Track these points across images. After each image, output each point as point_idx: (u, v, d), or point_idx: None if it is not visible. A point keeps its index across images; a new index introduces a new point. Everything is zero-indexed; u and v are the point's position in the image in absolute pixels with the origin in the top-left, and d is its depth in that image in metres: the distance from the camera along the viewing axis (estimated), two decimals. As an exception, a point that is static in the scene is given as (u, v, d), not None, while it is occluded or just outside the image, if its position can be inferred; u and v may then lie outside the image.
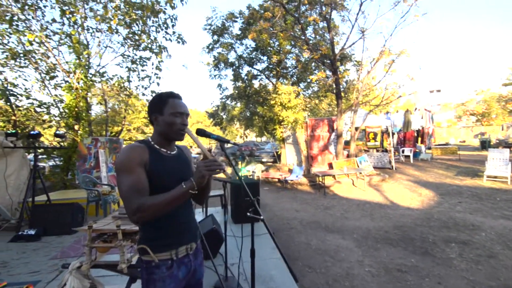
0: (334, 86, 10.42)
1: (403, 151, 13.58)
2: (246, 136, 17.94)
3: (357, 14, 9.47)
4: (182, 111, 1.32)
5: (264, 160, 16.59)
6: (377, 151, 12.39)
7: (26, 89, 7.23)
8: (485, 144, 18.04)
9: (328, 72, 11.82)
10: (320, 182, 8.96)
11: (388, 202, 7.04)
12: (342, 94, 10.87)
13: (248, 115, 15.19)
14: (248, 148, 21.08)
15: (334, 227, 5.33)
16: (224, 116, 16.36)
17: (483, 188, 7.76)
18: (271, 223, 5.71)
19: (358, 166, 9.91)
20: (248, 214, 1.27)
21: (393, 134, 13.20)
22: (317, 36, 12.43)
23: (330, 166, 10.57)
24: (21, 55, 6.76)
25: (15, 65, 6.82)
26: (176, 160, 1.36)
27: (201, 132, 1.35)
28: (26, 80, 7.54)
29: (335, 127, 10.73)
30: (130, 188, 1.12)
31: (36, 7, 6.25)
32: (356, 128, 10.89)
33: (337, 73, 9.95)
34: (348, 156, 10.97)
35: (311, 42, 10.59)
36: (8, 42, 6.72)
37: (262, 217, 1.24)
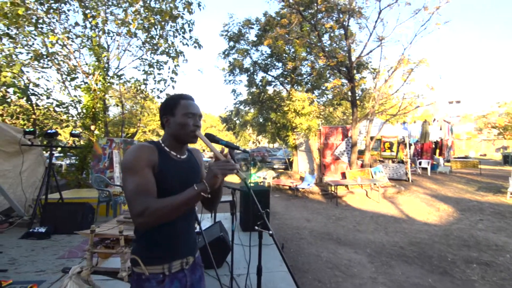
0: (350, 94, 10.22)
1: (420, 163, 13.13)
2: (259, 142, 17.85)
3: (376, 21, 9.31)
4: (194, 112, 1.27)
5: (275, 166, 16.43)
6: (393, 162, 12.02)
7: (47, 89, 7.48)
8: (508, 159, 17.21)
9: (344, 80, 11.65)
10: (332, 192, 8.74)
11: (404, 216, 6.76)
12: (358, 102, 10.65)
13: (261, 121, 15.15)
14: (260, 154, 20.98)
15: (346, 239, 5.13)
16: (237, 122, 16.38)
17: (506, 206, 7.34)
18: (281, 232, 5.57)
19: (372, 177, 9.63)
20: (256, 227, 1.18)
21: (410, 145, 12.79)
22: (333, 44, 12.31)
23: (343, 175, 10.32)
24: (45, 56, 7.01)
25: (38, 66, 7.06)
26: (186, 165, 1.30)
27: (209, 137, 1.28)
28: (48, 80, 7.83)
29: (350, 135, 10.50)
30: (136, 189, 1.06)
31: (60, 10, 6.47)
32: (371, 138, 10.61)
33: (353, 81, 9.77)
34: (362, 166, 10.69)
35: (327, 49, 10.47)
36: (33, 44, 7.00)
37: (271, 232, 1.15)
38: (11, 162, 4.79)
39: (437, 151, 14.95)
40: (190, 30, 7.36)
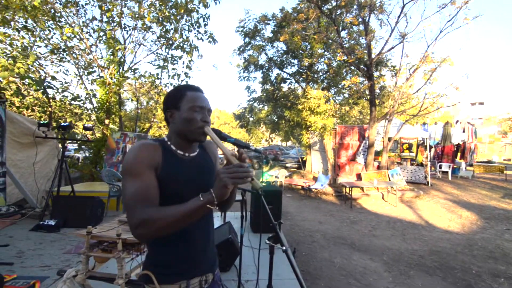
0: (368, 92, 9.83)
1: (440, 166, 12.54)
2: (272, 140, 17.63)
3: (398, 16, 8.87)
4: (202, 105, 1.10)
5: (288, 165, 16.18)
6: (411, 164, 11.53)
7: (65, 82, 7.59)
8: (536, 165, 16.19)
9: (361, 78, 11.25)
10: (346, 193, 8.45)
11: (423, 222, 6.41)
12: (376, 101, 10.24)
13: (274, 119, 14.93)
14: (272, 152, 20.75)
15: (361, 245, 4.88)
16: (251, 119, 16.23)
17: (536, 215, 6.84)
18: (292, 234, 5.39)
19: (389, 179, 9.25)
20: (267, 242, 1.01)
21: (430, 147, 12.25)
22: (352, 40, 11.91)
23: (358, 177, 9.98)
24: (62, 50, 7.09)
25: (56, 59, 7.15)
26: (195, 165, 1.13)
27: (216, 134, 1.11)
28: (66, 74, 7.95)
29: (367, 135, 10.13)
30: (135, 196, 0.92)
31: (77, 4, 6.50)
32: (389, 138, 10.20)
33: (372, 79, 9.38)
34: (378, 167, 10.30)
35: (345, 45, 10.11)
36: (52, 37, 7.09)
37: (284, 248, 0.97)
38: (24, 153, 4.84)
39: (459, 154, 14.26)
40: (205, 25, 7.25)
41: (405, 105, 11.38)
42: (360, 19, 9.44)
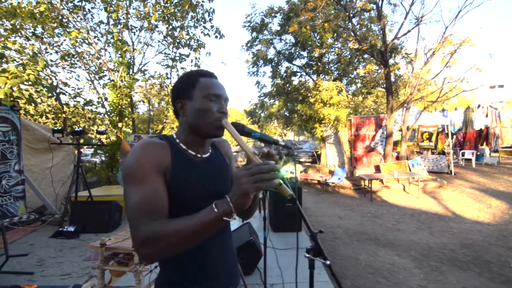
0: (384, 80, 9.43)
1: (463, 154, 12.00)
2: (285, 135, 17.41)
3: (413, -3, 8.39)
4: (219, 93, 0.94)
5: (302, 160, 15.94)
6: (432, 153, 11.07)
7: (78, 88, 7.67)
8: None
9: (374, 67, 10.84)
10: (365, 186, 8.18)
11: (450, 213, 6.10)
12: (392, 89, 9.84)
13: (286, 113, 14.69)
14: (281, 147, 20.44)
15: (386, 240, 4.66)
16: (262, 114, 16.04)
17: None
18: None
19: (410, 170, 8.89)
20: (306, 255, 0.86)
21: (452, 134, 11.73)
22: (363, 28, 11.48)
23: (377, 168, 9.66)
24: (73, 55, 7.14)
25: (67, 65, 7.21)
26: (209, 167, 0.98)
27: (238, 128, 0.94)
28: (78, 80, 8.03)
29: (384, 125, 9.77)
30: (139, 207, 0.77)
31: (84, 9, 6.50)
32: (408, 127, 9.80)
33: (388, 66, 8.98)
34: (397, 158, 9.93)
35: (357, 32, 9.73)
36: (62, 44, 7.15)
37: (328, 263, 0.82)
38: (38, 158, 4.88)
39: (482, 140, 13.59)
40: (210, 20, 7.12)
41: (423, 92, 10.91)
42: (372, 4, 9.03)
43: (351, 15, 9.73)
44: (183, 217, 0.75)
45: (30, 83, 4.10)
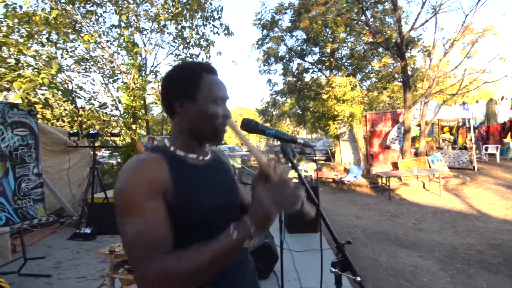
0: (401, 73, 9.09)
1: (486, 149, 11.44)
2: (298, 133, 17.23)
3: (429, -13, 8.06)
4: (224, 96, 0.85)
5: (315, 158, 15.71)
6: (453, 148, 10.62)
7: (93, 92, 7.83)
8: None
9: (389, 61, 10.48)
10: (383, 184, 7.92)
11: (475, 212, 5.80)
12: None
13: (299, 111, 14.49)
14: (298, 145, 20.28)
15: (407, 240, 4.47)
16: (274, 113, 15.92)
17: None
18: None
19: (429, 166, 8.55)
20: (332, 270, 0.76)
21: (474, 128, 11.20)
22: (377, 21, 11.14)
23: (394, 165, 9.35)
24: (88, 59, 7.28)
25: (82, 70, 7.37)
26: (214, 171, 0.87)
27: (249, 126, 0.84)
28: (93, 84, 8.21)
29: (401, 120, 9.44)
30: (139, 242, 0.65)
31: (95, 13, 6.59)
32: (426, 122, 9.42)
33: (405, 58, 8.64)
34: (416, 154, 9.58)
35: (372, 25, 9.43)
36: (76, 49, 7.30)
37: (359, 279, 0.72)
38: (55, 160, 4.98)
39: (508, 133, 12.91)
40: (219, 18, 7.08)
41: (442, 85, 10.47)
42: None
43: (365, 7, 9.44)
44: (194, 247, 0.65)
45: (45, 87, 4.17)
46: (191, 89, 0.82)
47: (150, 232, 0.66)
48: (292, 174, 0.70)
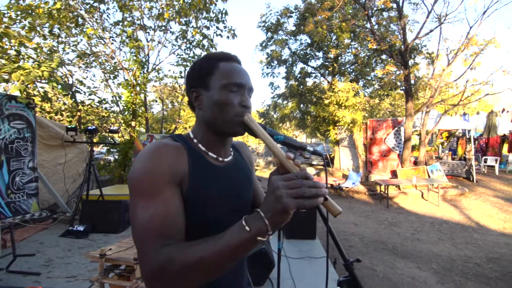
0: (404, 82, 9.07)
1: (485, 160, 11.43)
2: (296, 137, 17.20)
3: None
4: (241, 82, 0.77)
5: (314, 163, 15.67)
6: (453, 159, 10.60)
7: (94, 87, 7.76)
8: None
9: (393, 69, 10.48)
10: (381, 192, 7.87)
11: (473, 224, 5.75)
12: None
13: (299, 115, 14.46)
14: (297, 151, 20.20)
15: (405, 250, 4.41)
16: (275, 116, 15.89)
17: None
18: (326, 238, 5.02)
19: (429, 176, 8.51)
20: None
21: (475, 139, 11.19)
22: (381, 28, 11.14)
23: (393, 174, 9.31)
24: (89, 54, 7.24)
25: (83, 65, 7.33)
26: (234, 174, 0.82)
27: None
28: (93, 80, 8.17)
29: (402, 128, 9.41)
30: (150, 228, 0.62)
31: (99, 9, 6.56)
32: (427, 132, 9.40)
33: (408, 67, 8.64)
34: (415, 163, 9.55)
35: (376, 32, 9.43)
36: (78, 43, 7.26)
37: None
38: (51, 154, 4.92)
39: (506, 146, 12.90)
40: (223, 21, 7.03)
41: (444, 95, 10.47)
42: (392, 3, 8.71)
43: (370, 14, 9.44)
44: (205, 239, 0.60)
45: (45, 80, 4.12)
46: (205, 77, 0.78)
47: (162, 218, 0.63)
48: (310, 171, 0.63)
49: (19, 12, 5.08)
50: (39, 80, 4.39)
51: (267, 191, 0.60)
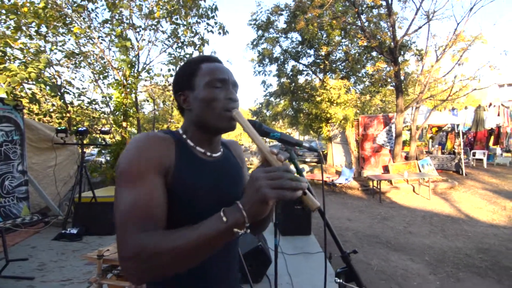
0: (394, 78, 9.21)
1: (474, 154, 11.70)
2: (290, 134, 17.27)
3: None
4: (224, 77, 0.80)
5: (307, 160, 15.76)
6: (442, 153, 10.82)
7: (83, 88, 7.62)
8: None
9: (383, 65, 10.62)
10: (374, 187, 7.98)
11: (463, 216, 5.89)
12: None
13: (292, 112, 14.51)
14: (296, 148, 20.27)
15: (398, 244, 4.50)
16: (268, 114, 15.90)
17: None
18: (320, 233, 5.06)
19: (419, 170, 8.67)
20: (337, 280, 0.73)
21: (463, 134, 11.44)
22: (371, 25, 11.26)
23: (385, 169, 9.45)
24: (78, 54, 7.09)
25: (71, 65, 7.17)
26: (221, 170, 0.83)
27: (255, 127, 0.77)
28: (82, 81, 8.01)
29: (392, 123, 9.55)
30: (131, 212, 0.63)
31: (86, 8, 6.42)
32: (417, 127, 9.57)
33: (398, 63, 8.76)
34: (406, 158, 9.71)
35: (366, 29, 9.52)
36: (66, 43, 7.10)
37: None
38: (41, 157, 4.83)
39: (492, 139, 13.23)
40: (213, 17, 6.99)
41: (433, 91, 10.65)
42: (382, 1, 8.80)
43: (360, 11, 9.53)
44: (182, 228, 0.61)
45: (32, 81, 4.03)
46: (189, 79, 0.81)
47: (143, 204, 0.64)
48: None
49: (3, 11, 4.95)
50: (27, 81, 4.28)
51: (247, 183, 0.62)
